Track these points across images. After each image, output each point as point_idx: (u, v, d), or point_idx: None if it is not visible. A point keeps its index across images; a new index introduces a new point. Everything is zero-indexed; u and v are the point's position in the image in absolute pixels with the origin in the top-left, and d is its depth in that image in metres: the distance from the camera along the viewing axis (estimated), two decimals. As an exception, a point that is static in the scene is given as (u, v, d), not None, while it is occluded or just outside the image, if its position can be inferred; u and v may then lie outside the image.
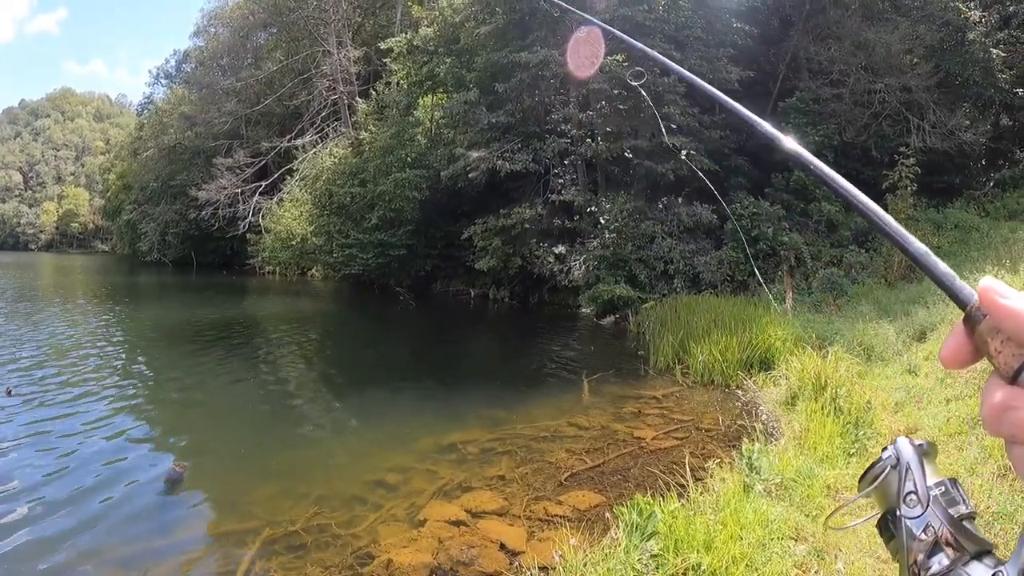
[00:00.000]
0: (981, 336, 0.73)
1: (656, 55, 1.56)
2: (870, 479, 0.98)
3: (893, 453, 0.97)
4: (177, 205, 51.06)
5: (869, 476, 0.99)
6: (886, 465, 0.96)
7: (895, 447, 0.97)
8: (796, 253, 20.36)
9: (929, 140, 23.06)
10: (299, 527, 6.27)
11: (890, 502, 0.95)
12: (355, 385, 13.15)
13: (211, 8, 58.36)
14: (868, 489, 0.99)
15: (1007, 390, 0.70)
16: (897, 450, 0.96)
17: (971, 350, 0.75)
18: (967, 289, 0.77)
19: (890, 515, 0.94)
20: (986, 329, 0.72)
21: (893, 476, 0.95)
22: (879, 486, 0.97)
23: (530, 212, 24.18)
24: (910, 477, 0.93)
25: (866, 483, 0.99)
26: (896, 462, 0.95)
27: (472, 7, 28.33)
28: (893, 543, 0.93)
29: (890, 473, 0.95)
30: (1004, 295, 0.71)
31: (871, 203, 0.91)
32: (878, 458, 0.98)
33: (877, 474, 0.97)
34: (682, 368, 13.06)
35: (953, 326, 0.78)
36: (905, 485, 0.92)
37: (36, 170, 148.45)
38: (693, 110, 23.03)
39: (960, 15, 24.38)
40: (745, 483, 6.11)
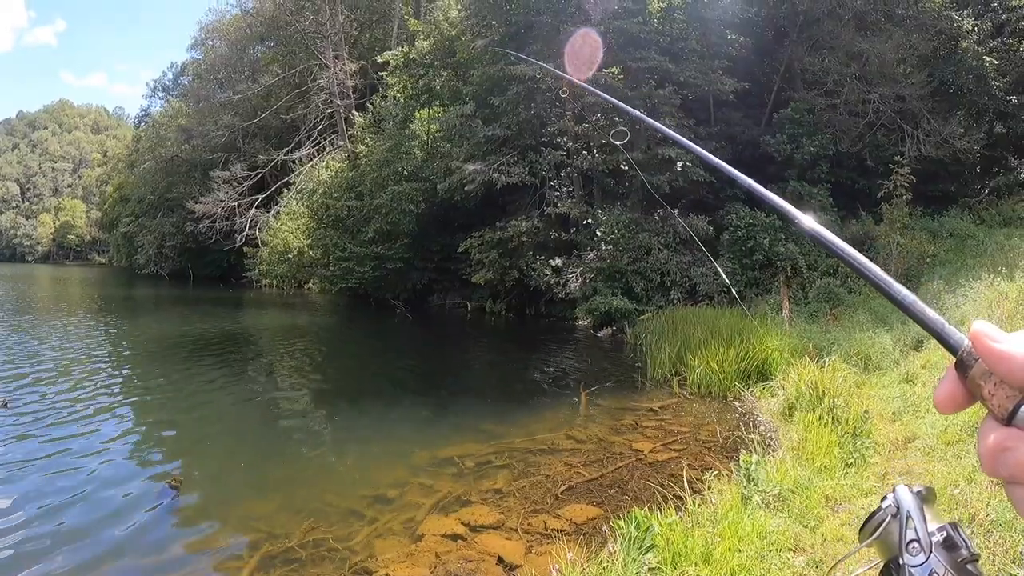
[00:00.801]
0: (974, 380, 0.73)
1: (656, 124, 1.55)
2: (871, 529, 0.98)
3: (893, 502, 0.97)
4: (174, 218, 51.07)
5: (869, 526, 0.99)
6: (886, 515, 0.97)
7: (894, 496, 0.97)
8: (792, 263, 20.39)
9: (924, 149, 23.14)
10: (296, 542, 6.25)
11: (892, 551, 0.94)
12: (352, 398, 13.12)
13: (209, 21, 58.63)
14: (869, 540, 0.99)
15: (1002, 432, 0.71)
16: (897, 499, 0.96)
17: (964, 394, 0.75)
18: (957, 334, 0.77)
19: (893, 564, 0.94)
20: (979, 373, 0.72)
21: (894, 525, 0.95)
22: (880, 536, 0.97)
23: (526, 225, 24.20)
24: (911, 525, 0.92)
25: (867, 533, 0.99)
26: (896, 511, 0.95)
27: (468, 21, 28.46)
28: None
29: (891, 522, 0.96)
30: (995, 339, 0.71)
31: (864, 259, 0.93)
32: (877, 507, 0.99)
33: (878, 524, 0.97)
34: (679, 380, 13.06)
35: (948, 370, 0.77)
36: (907, 533, 0.92)
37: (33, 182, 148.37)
38: (688, 122, 23.13)
39: (953, 24, 24.53)
40: (743, 495, 6.11)
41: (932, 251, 19.83)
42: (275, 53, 48.93)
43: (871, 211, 22.16)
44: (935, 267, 18.67)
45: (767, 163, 23.41)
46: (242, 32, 51.77)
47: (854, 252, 0.96)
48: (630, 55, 22.51)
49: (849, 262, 0.95)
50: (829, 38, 24.90)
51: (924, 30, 24.52)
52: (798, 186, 22.53)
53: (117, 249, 74.92)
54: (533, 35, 25.32)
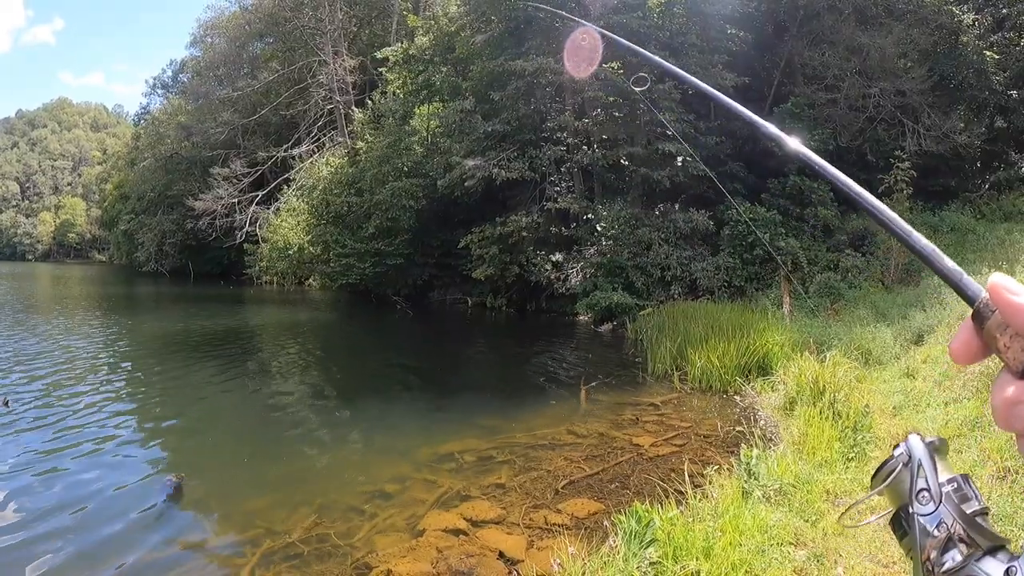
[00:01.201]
0: (990, 332, 0.74)
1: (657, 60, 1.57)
2: (882, 477, 0.98)
3: (905, 450, 0.96)
4: (174, 215, 51.09)
5: (881, 474, 0.98)
6: (898, 463, 0.96)
7: (907, 444, 0.97)
8: (793, 258, 20.39)
9: (924, 143, 23.12)
10: (298, 538, 6.25)
11: (902, 499, 0.94)
12: (353, 395, 13.13)
13: (207, 18, 58.62)
14: (880, 487, 0.98)
15: (1017, 385, 0.71)
16: (908, 447, 0.96)
17: (980, 345, 0.76)
18: (975, 285, 0.78)
19: (903, 512, 0.94)
20: (995, 325, 0.73)
21: (905, 473, 0.95)
22: (891, 484, 0.97)
23: (527, 220, 24.20)
24: (922, 474, 0.92)
25: (878, 481, 0.99)
26: (908, 459, 0.95)
27: (467, 16, 28.41)
28: (906, 540, 0.93)
29: (902, 471, 0.95)
30: (1013, 291, 0.72)
31: (876, 202, 0.94)
32: (889, 456, 0.98)
33: (889, 472, 0.97)
34: (680, 375, 13.06)
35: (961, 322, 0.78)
36: (917, 482, 0.92)
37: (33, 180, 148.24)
38: (688, 117, 23.10)
39: (953, 18, 24.50)
40: (744, 489, 6.11)
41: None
42: (274, 50, 48.89)
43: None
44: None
45: (767, 158, 23.35)
46: (241, 29, 51.75)
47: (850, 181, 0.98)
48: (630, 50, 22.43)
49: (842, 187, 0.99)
50: (829, 32, 24.86)
51: (924, 24, 24.49)
52: (798, 180, 22.48)
53: (117, 247, 74.85)
54: (533, 30, 25.28)
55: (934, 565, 0.87)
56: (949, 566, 0.86)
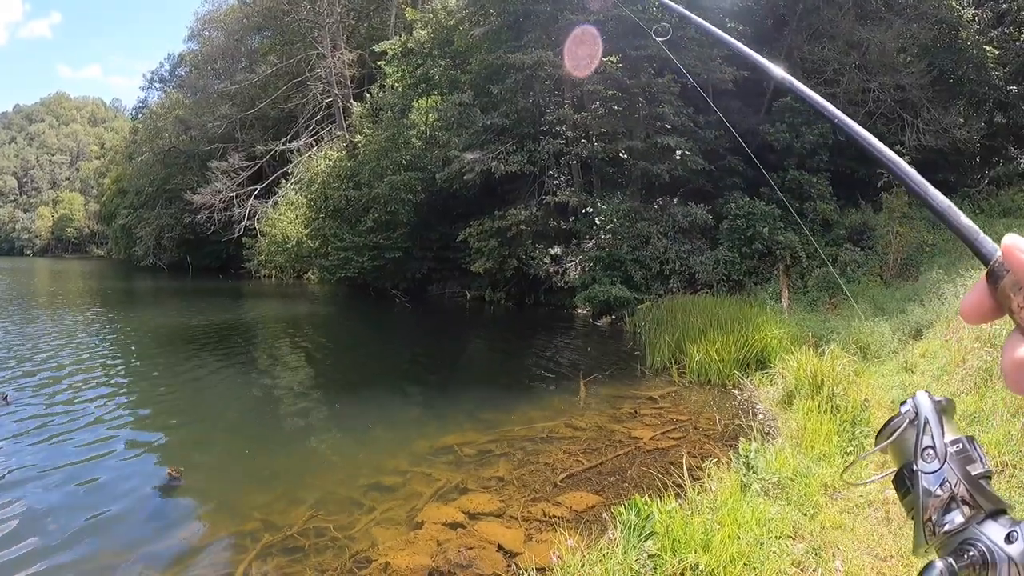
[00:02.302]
0: (1003, 291, 0.74)
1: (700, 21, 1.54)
2: (888, 433, 0.97)
3: (912, 407, 0.95)
4: (172, 209, 51.01)
5: (887, 430, 0.97)
6: (904, 419, 0.95)
7: (914, 401, 0.95)
8: (792, 252, 20.39)
9: (923, 138, 23.12)
10: (297, 531, 6.26)
11: (907, 457, 0.94)
12: (351, 388, 13.12)
13: (205, 12, 58.40)
14: (885, 443, 0.98)
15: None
16: (916, 404, 0.95)
17: (992, 305, 0.75)
18: (990, 244, 0.78)
19: (906, 470, 0.93)
20: (1009, 285, 0.73)
21: (911, 431, 0.94)
22: (896, 440, 0.96)
23: (525, 213, 24.18)
24: (928, 432, 0.91)
25: (883, 437, 0.98)
26: (914, 416, 0.94)
27: (466, 9, 28.35)
28: (908, 498, 0.92)
29: (907, 427, 0.94)
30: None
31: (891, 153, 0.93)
32: (896, 412, 0.97)
33: (895, 428, 0.96)
34: (678, 368, 13.08)
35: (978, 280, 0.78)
36: (923, 440, 0.91)
37: (31, 175, 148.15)
38: (687, 110, 23.07)
39: (953, 13, 24.47)
40: (742, 482, 6.12)
41: (931, 240, 19.83)
42: (272, 43, 48.71)
43: (871, 200, 22.15)
44: (934, 256, 18.69)
45: (767, 152, 23.36)
46: (239, 22, 51.60)
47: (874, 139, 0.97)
48: (629, 43, 22.42)
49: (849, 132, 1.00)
50: (829, 27, 24.83)
51: (924, 19, 24.47)
52: (798, 175, 22.49)
53: (116, 241, 74.79)
54: (531, 23, 25.23)
55: (935, 525, 0.87)
56: (949, 527, 0.86)
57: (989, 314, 0.76)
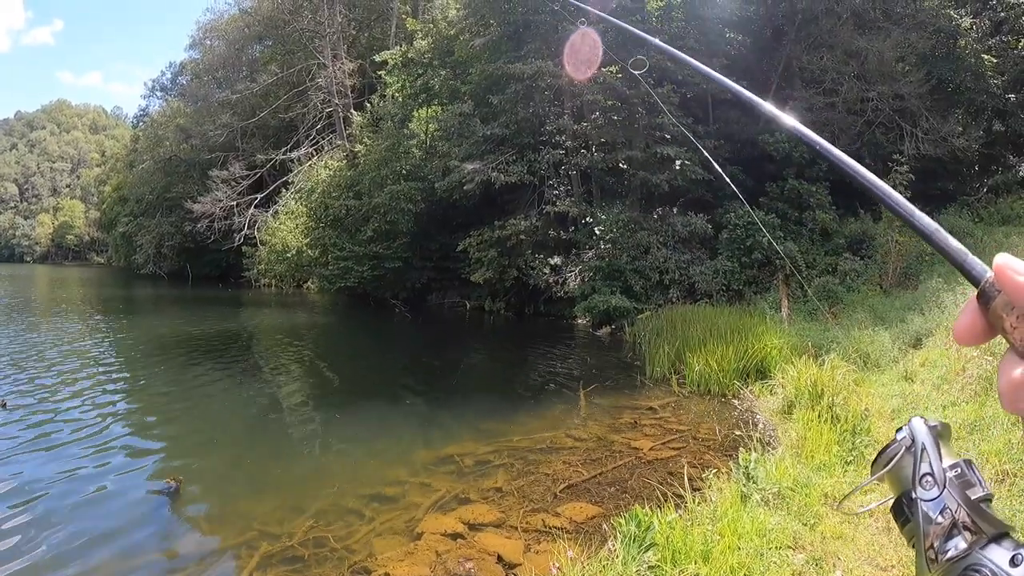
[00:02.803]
0: (995, 312, 0.73)
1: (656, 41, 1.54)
2: (884, 461, 0.95)
3: (908, 434, 0.93)
4: (173, 217, 51.09)
5: (883, 458, 0.95)
6: (900, 447, 0.94)
7: (909, 428, 0.94)
8: (791, 262, 20.40)
9: (922, 147, 23.13)
10: (296, 541, 6.25)
11: (904, 485, 0.92)
12: (351, 398, 13.11)
13: (207, 21, 58.54)
14: (881, 472, 0.96)
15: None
16: (912, 431, 0.93)
17: (985, 326, 0.74)
18: (980, 265, 0.76)
19: (905, 498, 0.91)
20: (1001, 305, 0.72)
21: (908, 458, 0.92)
22: (893, 469, 0.94)
23: (525, 223, 24.20)
24: (925, 458, 0.90)
25: (879, 466, 0.96)
26: (911, 443, 0.92)
27: (466, 19, 28.45)
28: (909, 527, 0.90)
29: (904, 455, 0.93)
30: (1019, 272, 0.70)
31: (879, 181, 0.91)
32: (892, 439, 0.95)
33: (891, 456, 0.94)
34: (678, 378, 13.08)
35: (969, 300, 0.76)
36: (921, 467, 0.90)
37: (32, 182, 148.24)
38: (687, 120, 23.11)
39: (951, 22, 24.53)
40: (742, 493, 6.11)
41: (930, 249, 19.76)
42: (273, 52, 48.90)
43: (870, 209, 22.17)
44: (934, 265, 18.67)
45: (766, 161, 23.39)
46: (240, 31, 51.76)
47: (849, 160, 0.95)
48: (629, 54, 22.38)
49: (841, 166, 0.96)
50: (827, 36, 24.88)
51: (922, 28, 24.53)
52: (797, 184, 22.52)
53: (116, 249, 74.82)
54: (531, 34, 25.31)
55: (937, 553, 0.85)
56: (953, 554, 0.84)
57: (982, 335, 0.75)
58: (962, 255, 0.78)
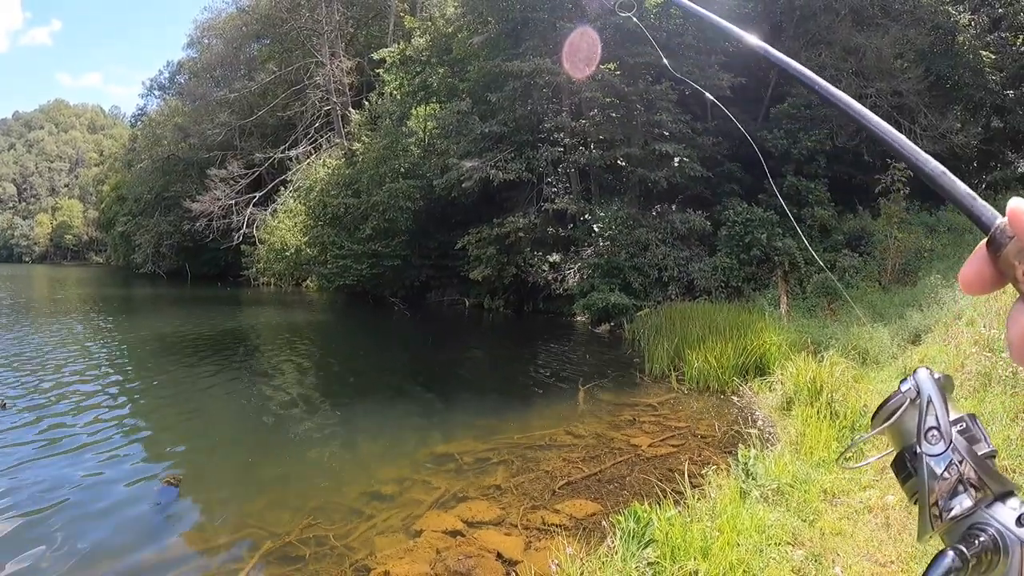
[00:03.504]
0: (1007, 260, 0.70)
1: None
2: (886, 414, 0.91)
3: (913, 385, 0.89)
4: (171, 217, 51.07)
5: (885, 411, 0.91)
6: (904, 399, 0.89)
7: (915, 379, 0.89)
8: (790, 258, 20.40)
9: (921, 143, 22.77)
10: (295, 539, 6.25)
11: (908, 439, 0.88)
12: (350, 396, 13.10)
13: (205, 19, 58.56)
14: (883, 426, 0.91)
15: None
16: (917, 382, 0.88)
17: (994, 274, 0.71)
18: (989, 210, 0.74)
19: (908, 453, 0.88)
20: (1013, 252, 0.69)
21: (912, 411, 0.88)
22: (896, 422, 0.90)
23: (524, 221, 24.21)
24: (931, 411, 0.85)
25: (881, 418, 0.91)
26: (916, 395, 0.88)
27: (464, 17, 28.46)
28: (911, 483, 0.87)
29: (908, 408, 0.88)
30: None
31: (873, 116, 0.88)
32: (895, 390, 0.91)
33: (894, 409, 0.90)
34: (677, 375, 13.08)
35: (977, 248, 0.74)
36: (926, 420, 0.85)
37: (30, 182, 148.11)
38: (685, 117, 23.12)
39: (949, 18, 24.53)
40: (742, 489, 6.12)
41: (930, 245, 19.84)
42: (271, 51, 48.89)
43: (868, 206, 22.18)
44: (933, 261, 18.69)
45: (765, 158, 23.39)
46: (238, 30, 51.75)
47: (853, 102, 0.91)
48: (627, 51, 22.49)
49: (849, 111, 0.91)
50: (826, 33, 24.88)
51: (921, 24, 24.52)
52: (795, 181, 22.52)
53: (114, 248, 74.74)
54: (530, 31, 25.31)
55: (942, 511, 0.82)
56: (957, 512, 0.81)
57: (990, 284, 0.72)
58: (970, 199, 0.76)
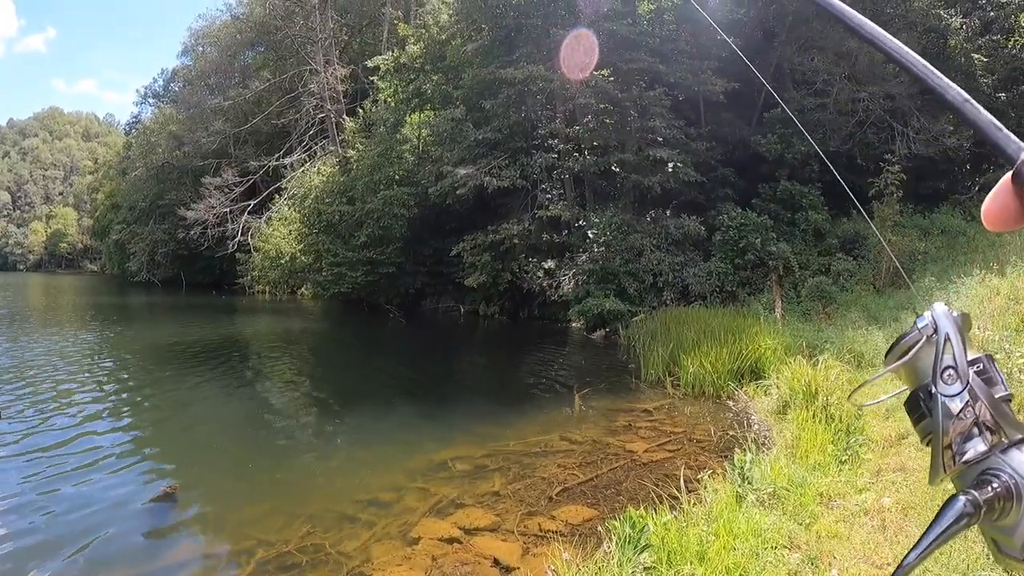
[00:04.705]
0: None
1: None
2: (901, 351, 0.86)
3: (930, 321, 0.84)
4: (166, 225, 50.97)
5: (900, 347, 0.86)
6: (921, 336, 0.84)
7: (932, 314, 0.84)
8: (784, 262, 20.43)
9: (914, 147, 23.20)
10: (292, 547, 6.24)
11: (923, 378, 0.83)
12: (346, 404, 13.09)
13: (199, 27, 58.51)
14: (898, 363, 0.86)
15: None
16: (935, 318, 0.83)
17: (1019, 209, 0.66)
18: (1015, 142, 0.68)
19: (922, 392, 0.83)
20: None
21: (928, 349, 0.83)
22: (911, 360, 0.85)
23: (518, 227, 24.23)
24: (949, 350, 0.81)
25: (896, 355, 0.86)
26: (933, 332, 0.83)
27: (458, 24, 28.51)
28: (924, 423, 0.82)
29: (925, 345, 0.83)
30: None
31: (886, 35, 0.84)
32: (912, 327, 0.86)
33: (910, 345, 0.85)
34: (673, 380, 13.09)
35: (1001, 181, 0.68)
36: (943, 359, 0.81)
37: (24, 190, 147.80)
38: (679, 122, 23.17)
39: (941, 22, 24.61)
40: (738, 493, 6.13)
41: (923, 248, 19.89)
42: (265, 59, 48.92)
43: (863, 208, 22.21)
44: (927, 264, 18.73)
45: (758, 163, 23.46)
46: (232, 38, 51.77)
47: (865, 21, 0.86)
48: (620, 56, 22.56)
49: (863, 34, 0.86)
50: (818, 38, 24.97)
51: (913, 28, 24.61)
52: (789, 186, 22.57)
53: (109, 257, 74.63)
54: (523, 38, 25.35)
55: (956, 454, 0.78)
56: (971, 455, 0.77)
57: (1014, 219, 0.67)
58: (994, 129, 0.70)
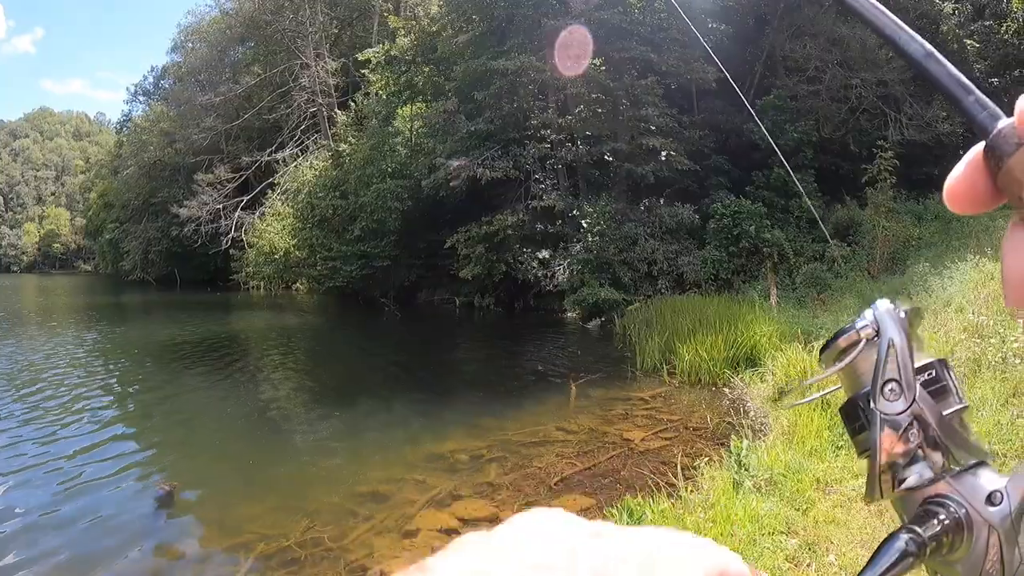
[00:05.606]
0: (1011, 174, 0.49)
1: None
2: (836, 354, 0.70)
3: (871, 320, 0.67)
4: (159, 222, 50.71)
5: (835, 348, 0.70)
6: (860, 337, 0.67)
7: (874, 312, 0.67)
8: (779, 250, 20.45)
9: (907, 133, 23.23)
10: (292, 542, 6.24)
11: (861, 386, 0.67)
12: (343, 397, 13.08)
13: (188, 23, 58.06)
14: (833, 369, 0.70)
15: None
16: (877, 318, 0.67)
17: (991, 190, 0.51)
18: (991, 108, 0.52)
19: (861, 401, 0.67)
20: (1018, 166, 0.49)
21: (869, 352, 0.67)
22: (848, 366, 0.69)
23: (512, 218, 24.19)
24: (892, 357, 0.64)
25: (830, 358, 0.71)
26: (875, 334, 0.66)
27: (449, 16, 28.38)
28: (862, 437, 0.66)
29: (866, 348, 0.67)
30: None
31: None
32: (849, 324, 0.68)
33: (846, 347, 0.69)
34: (669, 368, 13.08)
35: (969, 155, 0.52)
36: (885, 370, 0.64)
37: (16, 191, 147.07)
38: (671, 111, 23.15)
39: (934, 7, 24.62)
40: (735, 480, 6.14)
41: (918, 234, 19.92)
42: (256, 54, 48.61)
43: (856, 196, 22.24)
44: (921, 250, 18.76)
45: (751, 150, 23.45)
46: (222, 33, 51.43)
47: None
48: (612, 46, 22.51)
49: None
50: (810, 24, 24.97)
51: (905, 14, 24.47)
52: (783, 173, 22.56)
53: (103, 256, 74.20)
54: (514, 28, 25.28)
55: (895, 479, 0.64)
56: (914, 482, 0.63)
57: (982, 201, 0.52)
58: (962, 92, 0.53)
